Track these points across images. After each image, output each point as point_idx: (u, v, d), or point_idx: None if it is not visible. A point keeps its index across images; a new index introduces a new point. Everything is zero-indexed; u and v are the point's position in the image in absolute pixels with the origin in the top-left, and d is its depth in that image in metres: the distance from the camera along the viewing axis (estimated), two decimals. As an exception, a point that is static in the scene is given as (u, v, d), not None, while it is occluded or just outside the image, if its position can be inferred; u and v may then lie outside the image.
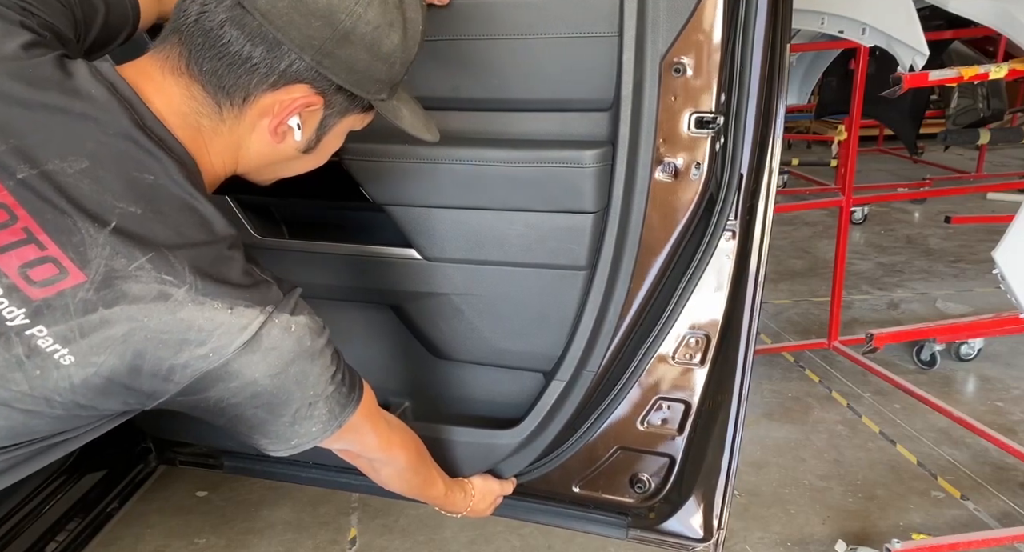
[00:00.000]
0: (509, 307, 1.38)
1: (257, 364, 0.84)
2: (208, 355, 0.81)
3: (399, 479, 1.23)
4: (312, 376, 0.90)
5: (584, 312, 1.32)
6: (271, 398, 0.88)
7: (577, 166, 1.21)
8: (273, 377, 0.86)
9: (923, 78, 2.10)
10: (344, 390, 0.97)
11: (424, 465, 1.27)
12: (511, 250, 1.31)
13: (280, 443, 0.95)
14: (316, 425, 0.94)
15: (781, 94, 1.28)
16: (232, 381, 0.84)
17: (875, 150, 6.93)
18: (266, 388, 0.86)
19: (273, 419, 0.91)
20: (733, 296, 1.32)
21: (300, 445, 0.96)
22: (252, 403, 0.87)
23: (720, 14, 1.15)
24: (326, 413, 0.95)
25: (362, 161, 1.30)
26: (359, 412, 1.00)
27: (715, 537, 1.40)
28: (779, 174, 1.34)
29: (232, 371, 0.83)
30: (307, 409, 0.92)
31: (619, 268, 1.29)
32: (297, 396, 0.90)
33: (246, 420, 0.90)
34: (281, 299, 0.88)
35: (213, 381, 0.84)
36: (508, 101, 1.27)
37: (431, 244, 1.34)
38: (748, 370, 1.34)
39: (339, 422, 0.97)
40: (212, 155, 0.92)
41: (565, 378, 1.36)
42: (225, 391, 0.85)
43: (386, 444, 1.13)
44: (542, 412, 1.39)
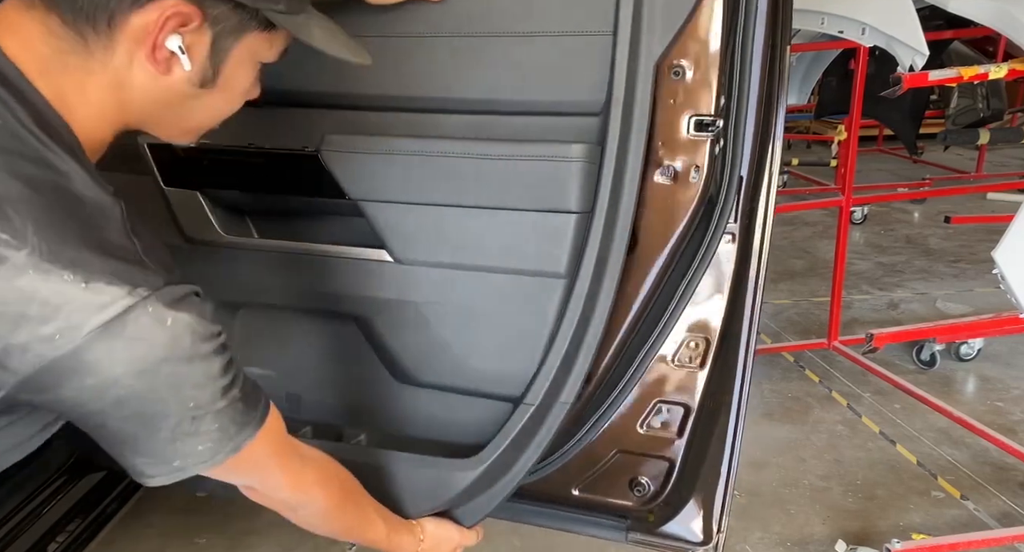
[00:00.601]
0: (483, 319, 1.30)
1: (118, 356, 0.69)
2: (54, 337, 0.67)
3: (323, 521, 1.07)
4: (190, 382, 0.75)
5: (560, 328, 1.23)
6: (141, 406, 0.73)
7: (562, 160, 1.17)
8: (140, 376, 0.71)
9: (923, 78, 2.10)
10: (240, 407, 0.81)
11: (353, 505, 1.11)
12: (487, 252, 1.26)
13: (158, 464, 0.79)
14: (204, 443, 0.79)
15: (781, 96, 1.28)
16: (87, 377, 0.69)
17: (875, 150, 6.93)
18: (133, 391, 0.71)
19: (146, 433, 0.76)
20: (733, 299, 1.31)
21: (185, 468, 0.80)
22: (118, 412, 0.73)
23: (719, 15, 1.15)
24: (216, 430, 0.79)
25: (340, 153, 1.28)
26: (261, 438, 0.84)
27: (715, 540, 1.39)
28: (779, 174, 1.33)
29: (86, 363, 0.69)
30: (190, 423, 0.76)
31: (602, 280, 1.20)
32: (174, 406, 0.75)
33: (113, 433, 0.75)
34: (161, 287, 0.72)
35: (63, 375, 0.69)
36: (498, 102, 1.26)
37: (404, 244, 1.30)
38: (748, 374, 1.33)
39: (235, 445, 0.81)
40: (89, 105, 0.78)
41: (535, 403, 1.25)
42: (82, 392, 0.70)
43: (297, 482, 0.97)
44: (505, 440, 1.26)
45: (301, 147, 1.33)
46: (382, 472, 1.29)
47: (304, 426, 1.49)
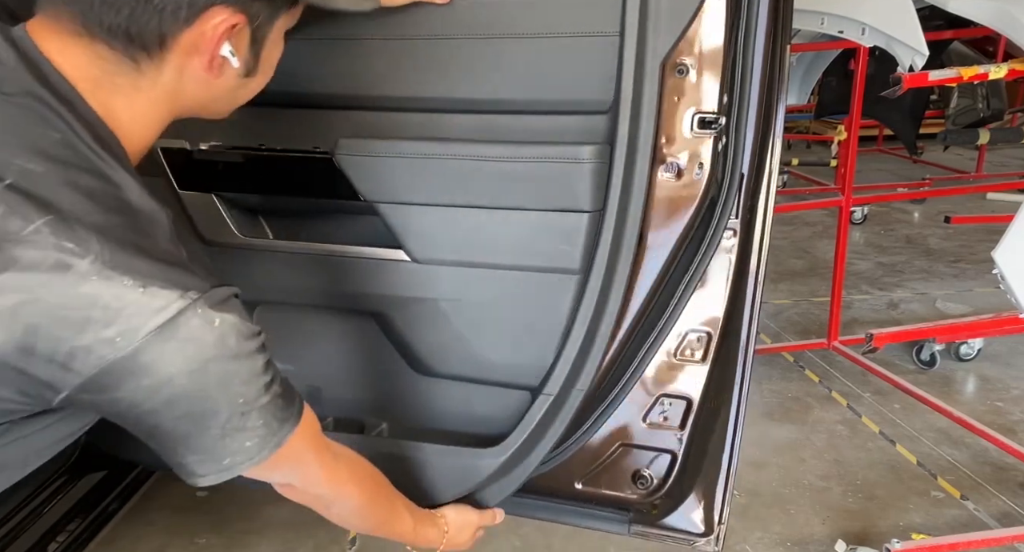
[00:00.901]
0: (499, 315, 1.34)
1: (172, 357, 0.73)
2: (115, 339, 0.71)
3: (356, 517, 1.11)
4: (239, 379, 0.79)
5: (576, 321, 1.27)
6: (192, 405, 0.77)
7: (573, 161, 1.19)
8: (192, 375, 0.75)
9: (923, 78, 2.10)
10: (280, 403, 0.85)
11: (385, 499, 1.15)
12: (504, 251, 1.29)
13: (210, 462, 0.83)
14: (251, 439, 0.83)
15: (781, 94, 1.29)
16: (144, 378, 0.73)
17: (875, 150, 6.94)
18: (185, 391, 0.75)
19: (198, 431, 0.80)
20: (734, 293, 1.32)
21: (233, 466, 0.84)
22: (171, 412, 0.77)
23: (721, 15, 1.16)
24: (261, 426, 0.83)
25: (354, 156, 1.29)
26: (300, 432, 0.88)
27: (716, 532, 1.40)
28: (779, 174, 1.34)
29: (143, 364, 0.73)
30: (239, 419, 0.80)
31: (614, 274, 1.24)
32: (223, 403, 0.79)
33: (166, 432, 0.79)
34: (208, 290, 0.77)
35: (122, 376, 0.73)
36: (506, 102, 1.27)
37: (421, 244, 1.33)
38: (749, 367, 1.34)
39: (278, 440, 0.85)
40: (135, 119, 0.83)
41: (553, 393, 1.30)
42: (138, 392, 0.74)
43: (333, 477, 1.01)
44: (527, 430, 1.31)
45: (313, 148, 1.34)
46: (408, 462, 1.34)
47: (325, 418, 1.51)
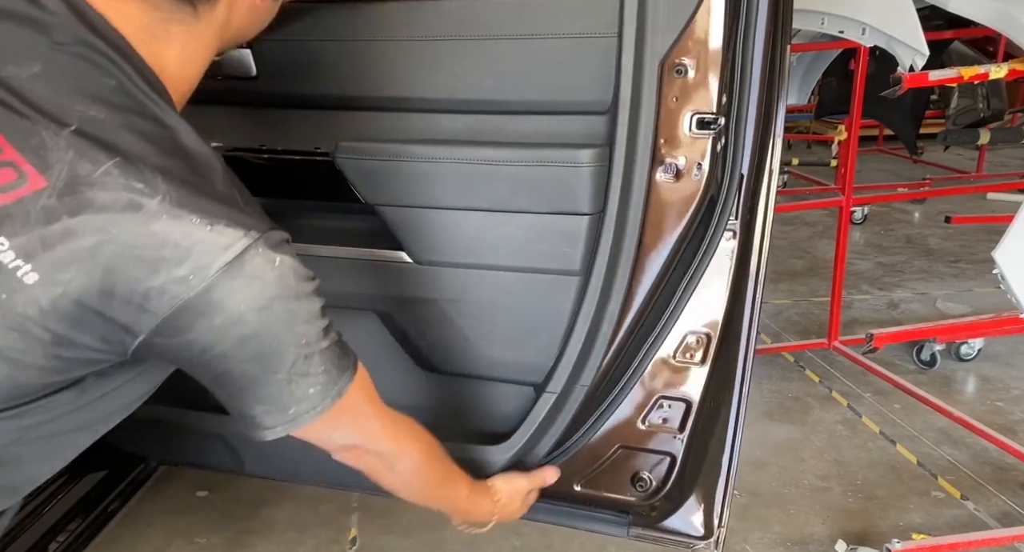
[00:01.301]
0: (501, 315, 1.35)
1: (241, 294, 0.75)
2: (188, 278, 0.73)
3: (417, 478, 1.09)
4: (301, 318, 0.81)
5: (577, 321, 1.29)
6: (261, 344, 0.79)
7: (572, 165, 1.20)
8: (260, 312, 0.76)
9: (923, 78, 2.10)
10: (338, 351, 0.87)
11: (443, 461, 1.14)
12: (504, 253, 1.30)
13: (276, 413, 0.84)
14: (314, 386, 0.84)
15: (781, 95, 1.28)
16: (216, 317, 0.75)
17: (875, 150, 6.93)
18: (254, 329, 0.77)
19: (265, 376, 0.81)
20: (734, 295, 1.32)
21: (299, 416, 0.85)
22: (241, 353, 0.78)
23: (721, 14, 1.15)
24: (323, 373, 0.84)
25: (355, 159, 1.29)
26: (358, 384, 0.90)
27: (716, 535, 1.40)
28: (779, 174, 1.34)
29: (214, 302, 0.74)
30: (303, 363, 0.82)
31: (615, 275, 1.26)
32: (290, 343, 0.81)
33: (236, 378, 0.81)
34: (266, 231, 0.78)
35: (194, 316, 0.74)
36: (505, 103, 1.27)
37: (423, 246, 1.33)
38: (749, 369, 1.34)
39: (339, 388, 0.87)
40: (184, 64, 0.86)
41: (556, 390, 1.33)
42: (210, 333, 0.76)
43: (394, 432, 1.02)
44: (532, 426, 1.34)
45: (314, 149, 1.34)
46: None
47: None
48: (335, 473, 1.45)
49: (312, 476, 1.50)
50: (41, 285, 0.71)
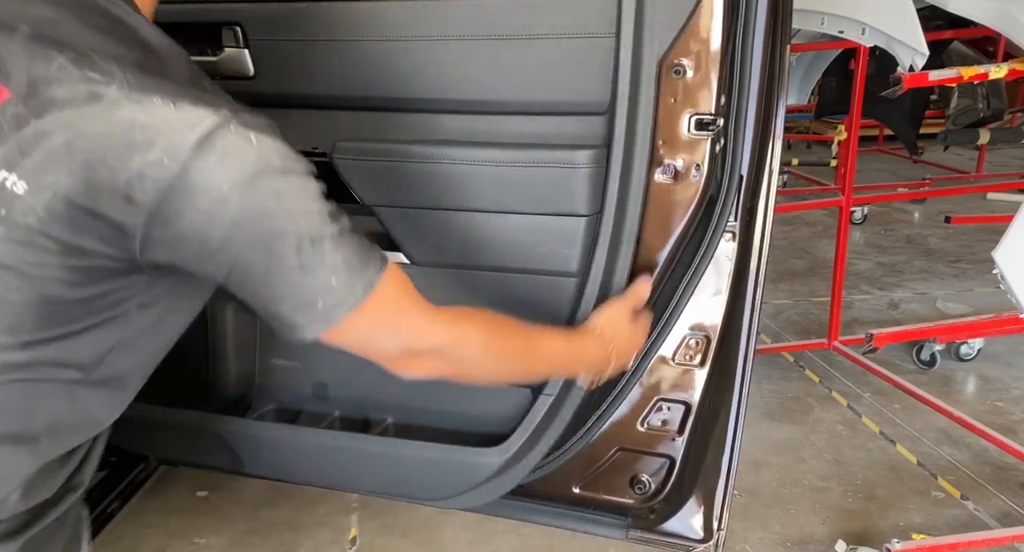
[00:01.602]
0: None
1: (219, 171, 0.73)
2: (161, 160, 0.72)
3: (490, 354, 1.00)
4: (291, 195, 0.78)
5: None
6: (256, 224, 0.76)
7: (569, 166, 1.20)
8: (243, 189, 0.74)
9: (923, 78, 2.10)
10: (357, 241, 0.83)
11: (515, 327, 1.04)
12: (501, 255, 1.29)
13: (304, 309, 0.81)
14: (335, 276, 0.80)
15: (781, 95, 1.28)
16: (200, 199, 0.73)
17: (875, 150, 6.93)
18: (242, 209, 0.75)
19: (276, 264, 0.78)
20: (733, 297, 1.32)
21: (329, 311, 0.81)
22: (239, 237, 0.76)
23: (720, 15, 1.15)
24: (342, 264, 0.81)
25: (352, 160, 1.29)
26: (390, 277, 0.85)
27: (715, 538, 1.39)
28: (779, 174, 1.33)
29: (194, 183, 0.73)
30: (311, 248, 0.78)
31: (612, 277, 1.25)
32: (284, 221, 0.77)
33: (248, 271, 0.79)
34: (239, 112, 0.76)
35: (180, 201, 0.73)
36: (502, 103, 1.27)
37: (419, 247, 1.33)
38: (748, 371, 1.33)
39: (367, 280, 0.82)
40: None
41: (553, 393, 1.31)
42: (200, 219, 0.74)
43: (443, 323, 0.94)
44: (529, 428, 1.33)
45: (311, 148, 1.34)
46: (413, 460, 1.35)
47: (331, 416, 1.52)
48: (332, 473, 1.45)
49: (310, 476, 1.50)
50: (31, 193, 0.72)
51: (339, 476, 1.47)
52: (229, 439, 1.45)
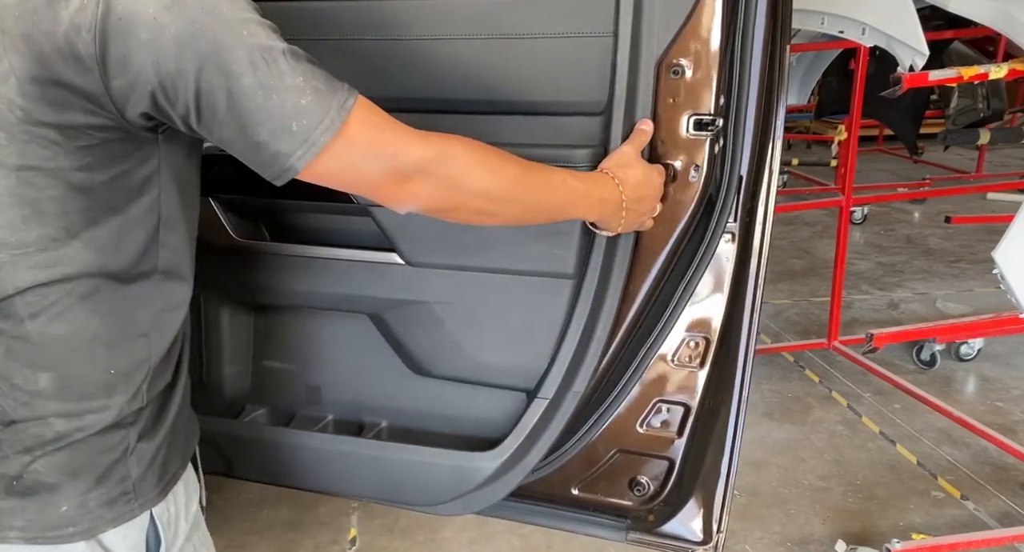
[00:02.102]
0: (493, 318, 1.33)
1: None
2: (84, 5, 0.71)
3: (490, 174, 0.94)
4: (222, 7, 0.76)
5: (570, 325, 1.27)
6: (198, 44, 0.74)
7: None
8: (171, 9, 0.73)
9: (923, 78, 2.10)
10: (316, 69, 0.81)
11: (504, 153, 0.98)
12: (495, 255, 1.28)
13: (282, 134, 0.78)
14: (303, 96, 0.78)
15: (781, 95, 1.28)
16: (137, 32, 0.73)
17: (875, 150, 6.94)
18: (178, 28, 0.73)
19: (236, 85, 0.76)
20: (733, 298, 1.31)
21: (307, 132, 0.78)
22: (189, 62, 0.74)
23: (719, 14, 1.15)
24: (304, 84, 0.78)
25: None
26: (361, 102, 0.83)
27: (715, 540, 1.39)
28: (779, 174, 1.33)
29: (123, 16, 0.72)
30: (267, 66, 0.76)
31: (609, 279, 1.24)
32: (227, 36, 0.75)
33: (213, 101, 0.77)
34: None
35: (119, 39, 0.73)
36: (499, 103, 1.26)
37: (414, 248, 1.32)
38: (748, 373, 1.33)
39: (340, 102, 0.80)
40: None
41: (548, 396, 1.30)
42: (146, 53, 0.73)
43: (423, 138, 0.89)
44: (523, 433, 1.31)
45: None
46: (406, 464, 1.34)
47: (324, 419, 1.51)
48: (324, 478, 1.45)
49: (302, 480, 1.49)
50: (2, 84, 0.73)
51: (331, 480, 1.46)
52: (221, 442, 1.44)
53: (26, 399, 0.82)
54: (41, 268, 0.79)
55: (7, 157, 0.75)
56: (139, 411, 0.88)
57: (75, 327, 0.82)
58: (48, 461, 0.83)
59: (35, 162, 0.76)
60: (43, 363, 0.82)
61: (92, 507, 0.85)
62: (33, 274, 0.79)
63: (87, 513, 0.85)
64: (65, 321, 0.81)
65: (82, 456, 0.84)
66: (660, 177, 1.16)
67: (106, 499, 0.86)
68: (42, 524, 0.83)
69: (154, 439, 0.90)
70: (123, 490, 0.87)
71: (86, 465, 0.85)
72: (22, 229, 0.78)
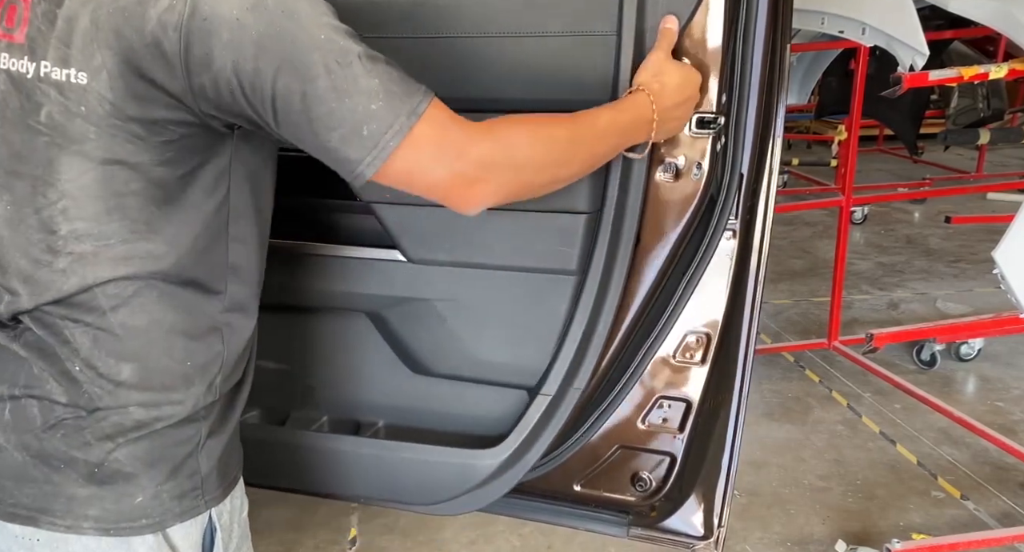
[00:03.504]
0: (495, 315, 1.34)
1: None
2: (172, 4, 0.74)
3: (545, 148, 0.95)
4: (303, 11, 0.78)
5: (573, 322, 1.27)
6: (276, 46, 0.76)
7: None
8: (254, 11, 0.75)
9: (923, 78, 2.11)
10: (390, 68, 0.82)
11: (553, 117, 0.99)
12: (498, 252, 1.28)
13: (352, 138, 0.79)
14: (375, 101, 0.79)
15: (781, 94, 1.28)
16: (221, 31, 0.75)
17: (875, 150, 6.94)
18: (259, 30, 0.76)
19: (312, 88, 0.78)
20: (734, 295, 1.32)
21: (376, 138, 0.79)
22: (267, 63, 0.77)
23: (720, 14, 1.15)
24: (379, 87, 0.79)
25: None
26: (436, 105, 0.84)
27: (716, 535, 1.39)
28: (779, 174, 1.33)
29: (208, 17, 0.75)
30: (341, 69, 0.78)
31: (611, 275, 1.24)
32: (305, 39, 0.77)
33: (288, 102, 0.78)
34: None
35: (204, 41, 0.75)
36: (502, 101, 1.26)
37: (416, 244, 1.32)
38: (749, 369, 1.33)
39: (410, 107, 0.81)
40: None
41: (551, 393, 1.30)
42: (227, 53, 0.76)
43: (480, 131, 0.90)
44: (525, 430, 1.31)
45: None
46: (405, 462, 1.34)
47: (321, 419, 1.51)
48: (321, 479, 1.44)
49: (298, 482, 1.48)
50: (92, 79, 0.76)
51: (330, 482, 1.46)
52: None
53: (111, 388, 0.84)
54: (120, 260, 0.82)
55: (94, 150, 0.78)
56: (211, 405, 0.90)
57: (154, 318, 0.84)
58: (129, 450, 0.85)
59: (120, 156, 0.79)
60: (126, 354, 0.84)
61: (164, 499, 0.87)
62: (112, 266, 0.81)
63: (159, 505, 0.86)
64: (145, 313, 0.84)
65: (160, 447, 0.86)
66: (696, 75, 1.14)
67: (178, 492, 0.88)
68: (117, 514, 0.85)
69: (222, 436, 0.93)
70: (193, 485, 0.89)
71: (162, 456, 0.87)
72: (105, 221, 0.80)
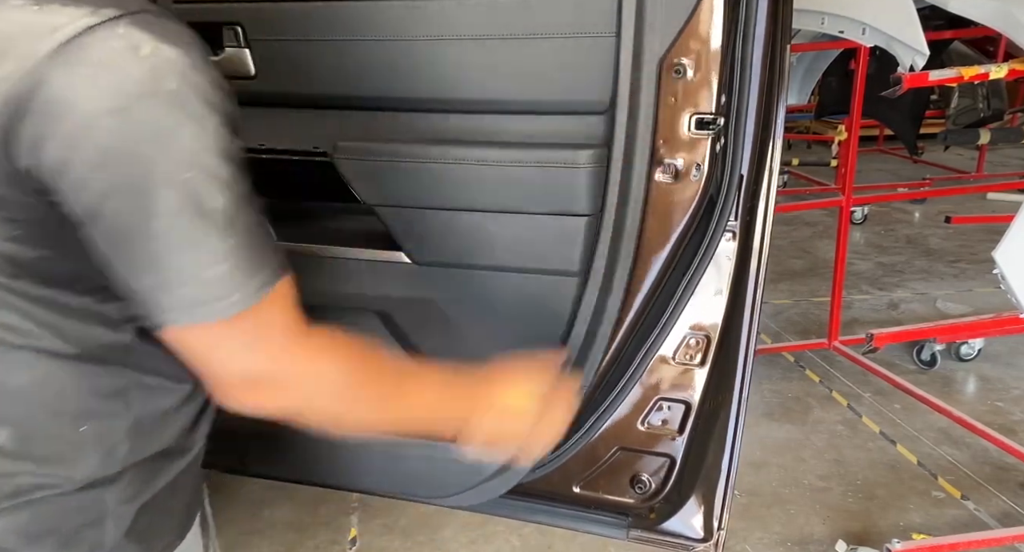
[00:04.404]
0: (499, 315, 1.35)
1: (84, 87, 0.58)
2: (12, 73, 0.58)
3: (342, 398, 0.79)
4: (180, 140, 0.60)
5: (575, 322, 1.28)
6: (122, 164, 0.60)
7: (571, 166, 1.20)
8: (116, 116, 0.59)
9: (923, 78, 2.11)
10: (255, 237, 0.66)
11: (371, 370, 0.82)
12: (501, 253, 1.29)
13: (167, 290, 0.64)
14: (213, 268, 0.64)
15: (781, 95, 1.28)
16: (63, 118, 0.58)
17: (875, 150, 6.93)
18: (110, 139, 0.59)
19: (142, 223, 0.61)
20: (733, 297, 1.32)
21: (197, 298, 0.64)
22: (103, 176, 0.60)
23: (720, 14, 1.15)
24: (227, 254, 0.63)
25: (353, 160, 1.29)
26: (280, 293, 0.68)
27: (715, 537, 1.39)
28: (779, 174, 1.33)
29: (51, 100, 0.58)
30: (191, 222, 0.62)
31: (613, 277, 1.26)
32: (162, 172, 0.60)
33: (110, 225, 0.62)
34: (137, 12, 0.60)
35: (37, 121, 0.59)
36: (503, 103, 1.27)
37: (421, 247, 1.33)
38: (748, 371, 1.33)
39: (249, 290, 0.65)
40: None
41: None
42: (62, 144, 0.59)
43: (304, 349, 0.73)
44: None
45: (312, 148, 1.34)
46: (411, 460, 1.35)
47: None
48: (331, 472, 1.45)
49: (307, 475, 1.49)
50: None
51: (338, 475, 1.47)
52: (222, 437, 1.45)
53: None
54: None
55: None
56: (118, 474, 0.76)
57: (36, 377, 0.71)
58: (5, 522, 0.72)
59: None
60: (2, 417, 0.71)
61: None
62: None
63: None
64: (26, 370, 0.71)
65: (44, 517, 0.73)
66: (568, 412, 0.96)
67: None
68: None
69: (142, 498, 0.79)
70: None
71: (48, 528, 0.73)
72: None
